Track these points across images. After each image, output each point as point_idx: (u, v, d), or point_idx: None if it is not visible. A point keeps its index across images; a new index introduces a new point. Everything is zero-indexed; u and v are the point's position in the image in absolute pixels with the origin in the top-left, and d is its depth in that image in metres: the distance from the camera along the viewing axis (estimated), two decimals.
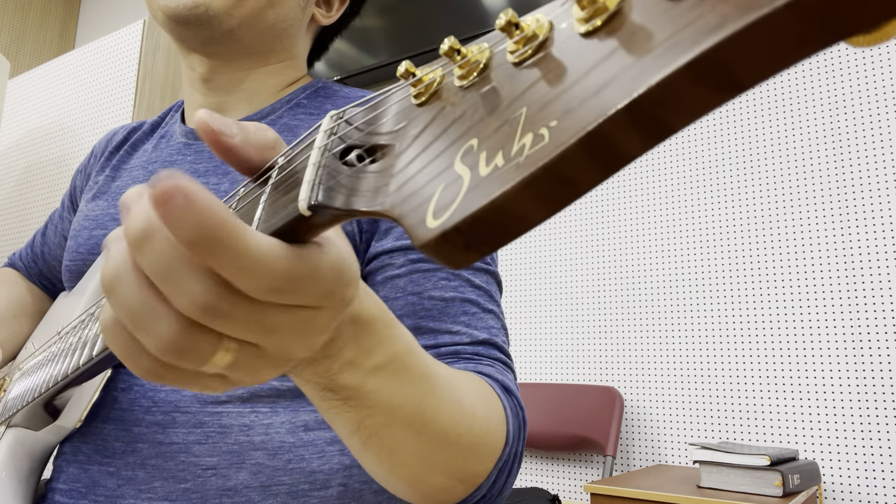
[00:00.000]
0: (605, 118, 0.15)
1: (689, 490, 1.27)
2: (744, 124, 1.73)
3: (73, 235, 0.66)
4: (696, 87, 0.15)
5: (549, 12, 0.19)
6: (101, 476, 0.54)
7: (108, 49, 1.71)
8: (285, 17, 0.65)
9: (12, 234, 1.84)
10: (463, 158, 0.19)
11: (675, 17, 0.15)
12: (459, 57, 0.21)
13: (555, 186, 0.16)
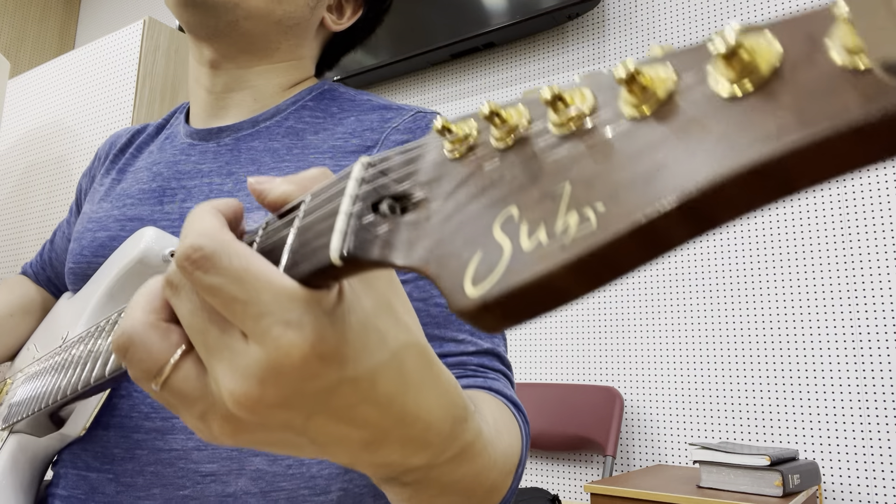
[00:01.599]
0: (656, 213, 0.15)
1: (689, 490, 1.27)
2: None
3: (77, 237, 0.66)
4: (750, 190, 0.15)
5: (596, 91, 0.19)
6: (100, 482, 0.54)
7: (108, 49, 1.71)
8: (292, 14, 0.65)
9: (12, 234, 1.84)
10: (503, 226, 0.19)
11: (730, 116, 0.15)
12: (499, 121, 0.21)
13: (600, 269, 0.17)
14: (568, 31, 2.07)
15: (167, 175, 0.64)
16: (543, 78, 2.09)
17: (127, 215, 0.63)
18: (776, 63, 0.15)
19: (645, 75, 0.18)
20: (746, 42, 0.16)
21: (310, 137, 0.62)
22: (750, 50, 0.15)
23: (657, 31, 1.91)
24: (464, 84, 2.26)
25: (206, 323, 0.26)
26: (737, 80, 0.16)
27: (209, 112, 0.67)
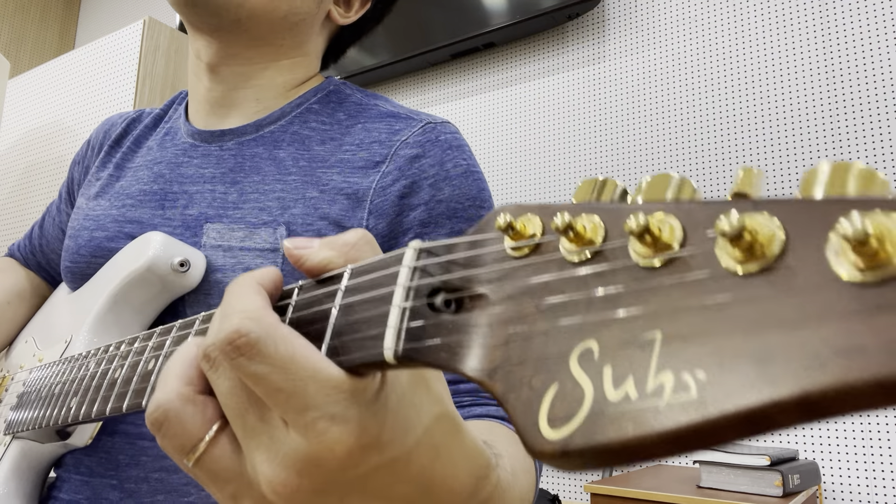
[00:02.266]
0: (772, 402, 0.14)
1: (689, 490, 1.27)
2: (743, 124, 1.73)
3: (73, 235, 0.64)
4: (877, 399, 0.13)
5: (686, 220, 0.18)
6: (103, 489, 0.53)
7: (108, 49, 1.71)
8: (298, 9, 0.62)
9: (12, 234, 1.84)
10: (580, 359, 0.18)
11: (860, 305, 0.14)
12: (572, 234, 0.19)
13: (694, 441, 0.16)
14: (568, 31, 2.07)
15: (169, 177, 0.62)
16: (543, 78, 2.09)
17: (126, 217, 0.61)
18: None
19: (752, 232, 0.16)
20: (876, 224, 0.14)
21: (316, 148, 0.60)
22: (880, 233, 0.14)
23: (657, 31, 1.91)
24: (464, 84, 2.27)
25: (245, 405, 0.25)
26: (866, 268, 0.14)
27: (210, 111, 0.65)
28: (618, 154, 1.90)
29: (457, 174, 0.58)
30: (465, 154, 0.60)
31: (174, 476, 0.52)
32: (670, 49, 1.88)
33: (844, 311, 0.14)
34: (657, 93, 1.87)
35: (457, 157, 0.59)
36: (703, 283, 0.16)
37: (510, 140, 2.12)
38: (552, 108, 2.05)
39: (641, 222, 0.17)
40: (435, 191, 0.56)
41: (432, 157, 0.57)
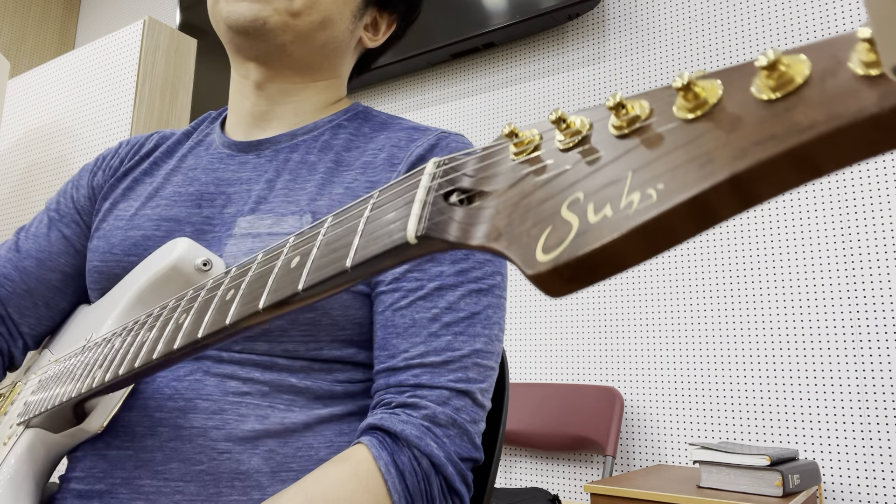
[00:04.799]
0: (710, 186, 0.18)
1: (689, 490, 1.27)
2: None
3: (104, 235, 0.66)
4: (789, 171, 0.18)
5: (653, 102, 0.23)
6: (119, 459, 0.55)
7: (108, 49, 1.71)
8: (335, 38, 0.69)
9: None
10: (569, 207, 0.22)
11: (770, 113, 0.19)
12: (564, 126, 0.24)
13: (658, 235, 0.19)
14: (568, 31, 2.07)
15: (205, 180, 0.67)
16: (544, 78, 2.09)
17: (162, 216, 0.65)
18: (807, 73, 0.19)
19: (698, 85, 0.21)
20: (784, 59, 0.19)
21: (343, 153, 0.66)
22: (786, 64, 0.19)
23: (657, 31, 1.91)
24: (464, 84, 2.26)
25: None
26: (776, 87, 0.19)
27: (251, 124, 0.71)
28: None
29: None
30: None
31: (188, 445, 0.54)
32: (670, 49, 1.88)
33: (761, 117, 0.19)
34: None
35: None
36: (661, 134, 0.21)
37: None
38: (552, 108, 2.05)
39: (617, 100, 0.22)
40: None
41: (436, 156, 0.60)
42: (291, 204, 0.61)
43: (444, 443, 0.53)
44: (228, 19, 0.65)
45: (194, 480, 0.53)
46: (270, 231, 0.60)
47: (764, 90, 0.19)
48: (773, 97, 0.19)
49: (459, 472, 0.54)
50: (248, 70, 0.70)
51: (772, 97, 0.19)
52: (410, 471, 0.51)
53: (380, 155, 0.64)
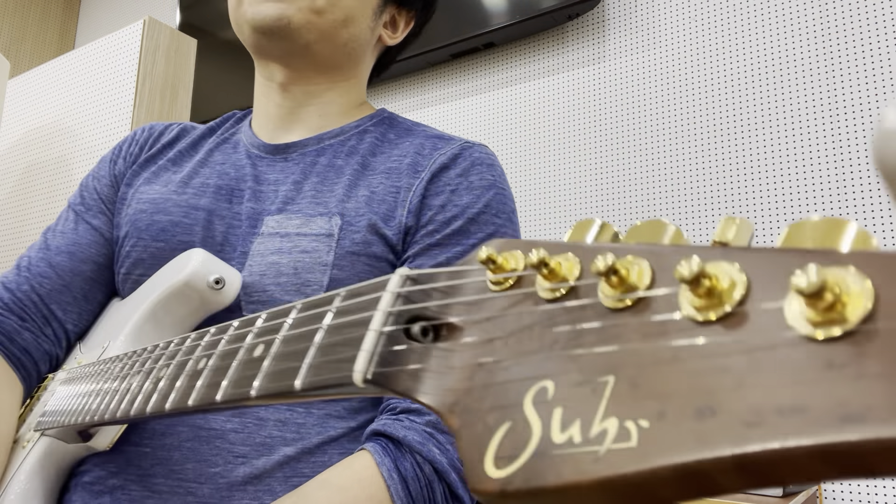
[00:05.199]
0: (708, 461, 0.13)
1: None
2: (743, 124, 1.73)
3: (130, 221, 0.67)
4: (820, 465, 0.13)
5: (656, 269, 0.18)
6: (135, 456, 0.56)
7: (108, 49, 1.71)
8: (357, 36, 0.71)
9: (12, 234, 1.84)
10: (535, 399, 0.18)
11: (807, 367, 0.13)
12: (546, 271, 0.20)
13: (632, 492, 0.15)
14: (568, 31, 2.07)
15: (234, 176, 0.69)
16: (544, 78, 2.09)
17: (191, 203, 0.66)
18: (869, 307, 0.13)
19: (712, 278, 0.16)
20: (830, 278, 0.13)
21: (369, 158, 0.67)
22: (837, 289, 0.13)
23: (657, 31, 1.91)
24: (464, 84, 2.27)
25: None
26: (819, 321, 0.13)
27: (277, 125, 0.72)
28: (618, 154, 1.90)
29: (479, 185, 0.64)
30: (494, 172, 0.67)
31: (206, 446, 0.55)
32: (670, 49, 1.88)
33: (792, 367, 0.13)
34: (657, 93, 1.87)
35: (483, 172, 0.65)
36: (662, 329, 0.16)
37: (510, 140, 2.12)
38: (552, 108, 2.05)
39: (609, 262, 0.17)
40: (454, 196, 0.63)
41: (459, 168, 0.65)
42: (320, 205, 0.63)
43: (447, 449, 0.53)
44: (254, 20, 0.65)
45: (208, 482, 0.53)
46: (299, 231, 0.61)
47: (802, 320, 0.14)
48: (813, 336, 0.13)
49: (463, 479, 0.54)
50: (271, 72, 0.71)
51: (813, 336, 0.13)
52: (413, 477, 0.51)
53: (404, 160, 0.66)
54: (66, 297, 0.69)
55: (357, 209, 0.62)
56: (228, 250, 0.64)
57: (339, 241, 0.60)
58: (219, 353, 0.36)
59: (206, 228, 0.65)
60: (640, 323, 0.17)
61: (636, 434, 0.15)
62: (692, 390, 0.15)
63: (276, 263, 0.60)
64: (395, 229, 0.61)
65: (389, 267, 0.62)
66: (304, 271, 0.59)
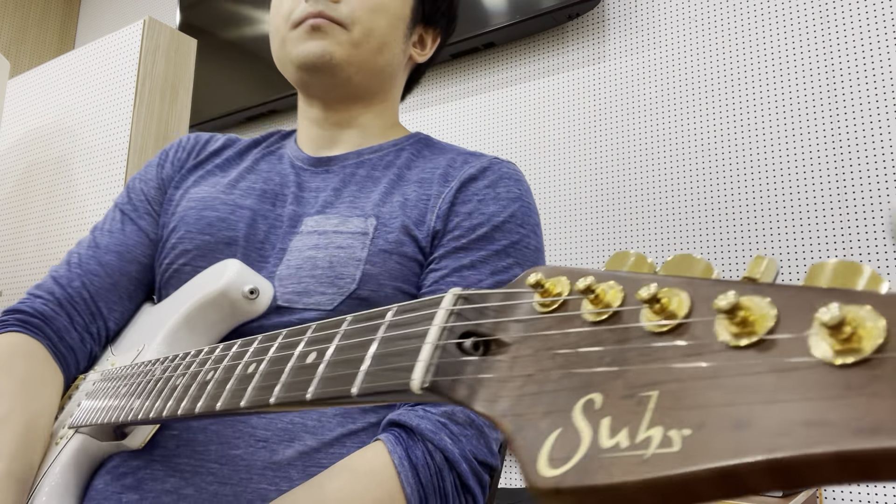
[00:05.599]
0: (743, 464, 0.15)
1: None
2: (743, 124, 1.73)
3: (179, 217, 0.71)
4: (839, 471, 0.15)
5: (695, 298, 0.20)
6: (161, 438, 0.57)
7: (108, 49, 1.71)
8: (391, 60, 0.75)
9: (12, 234, 1.84)
10: (583, 410, 0.20)
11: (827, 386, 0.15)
12: (593, 296, 0.22)
13: (674, 492, 0.17)
14: (568, 31, 2.07)
15: (279, 182, 0.73)
16: (544, 78, 2.09)
17: (237, 202, 0.70)
18: (880, 342, 0.15)
19: (746, 309, 0.18)
20: (851, 315, 0.16)
21: (404, 170, 0.72)
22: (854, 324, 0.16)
23: (657, 32, 1.91)
24: (464, 84, 2.27)
25: None
26: (839, 350, 0.16)
27: (320, 144, 0.77)
28: (618, 154, 1.90)
29: (506, 197, 0.67)
30: (521, 187, 0.70)
31: (229, 430, 0.56)
32: (670, 49, 1.88)
33: (815, 387, 0.16)
34: (657, 93, 1.87)
35: (510, 185, 0.69)
36: (701, 351, 0.18)
37: (510, 140, 2.12)
38: (552, 108, 2.05)
39: (652, 291, 0.20)
40: (481, 205, 0.66)
41: (487, 180, 0.68)
42: (357, 209, 0.67)
43: (459, 440, 0.53)
44: (298, 59, 0.70)
45: (229, 464, 0.55)
46: (336, 229, 0.65)
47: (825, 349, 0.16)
48: (836, 362, 0.16)
49: (474, 471, 0.55)
50: (314, 104, 0.77)
51: (835, 361, 0.16)
52: (424, 465, 0.51)
53: (436, 172, 0.70)
54: (113, 296, 0.72)
55: (391, 212, 0.66)
56: (268, 247, 0.67)
57: (374, 240, 0.64)
58: (270, 359, 0.37)
59: (249, 226, 0.69)
60: (680, 345, 0.19)
61: (679, 441, 0.17)
62: (729, 404, 0.17)
63: (312, 258, 0.63)
64: (424, 232, 0.65)
65: (418, 266, 0.65)
66: (338, 265, 0.62)
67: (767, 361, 0.17)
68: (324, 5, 0.69)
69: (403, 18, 0.75)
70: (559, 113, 2.04)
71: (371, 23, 0.71)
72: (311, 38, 0.70)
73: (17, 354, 0.63)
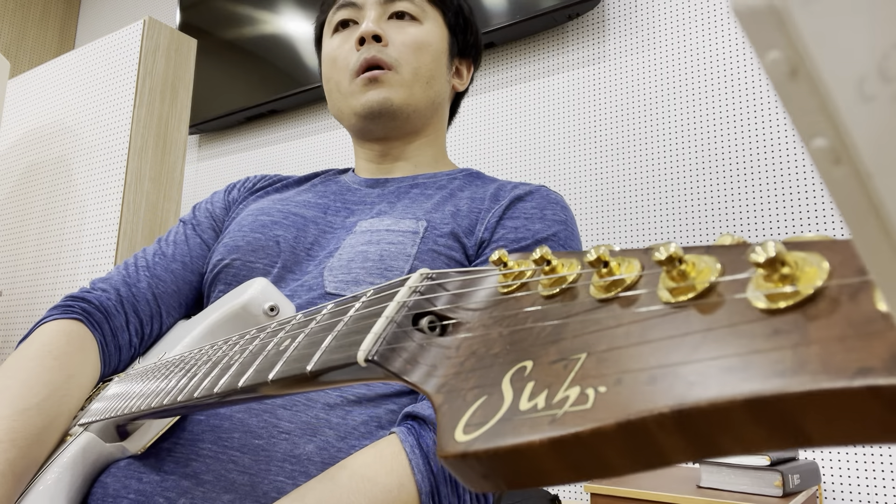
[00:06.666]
0: (649, 414, 0.14)
1: (689, 490, 1.27)
2: (743, 123, 1.73)
3: (237, 222, 0.76)
4: (753, 425, 0.13)
5: (645, 264, 0.19)
6: (188, 422, 0.58)
7: (108, 49, 1.71)
8: (438, 92, 0.81)
9: (12, 234, 1.84)
10: (513, 377, 0.19)
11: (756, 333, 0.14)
12: (548, 268, 0.21)
13: (583, 457, 0.16)
14: (568, 31, 2.07)
15: (333, 198, 0.78)
16: (544, 78, 2.09)
17: (290, 211, 0.75)
18: (819, 284, 0.14)
19: (688, 263, 0.17)
20: (789, 257, 0.15)
21: (456, 192, 0.76)
22: (793, 264, 0.15)
23: (657, 31, 1.91)
24: None
25: None
26: (775, 296, 0.15)
27: (376, 174, 0.83)
28: (617, 154, 1.90)
29: (552, 219, 0.70)
30: (567, 214, 0.73)
31: (254, 419, 0.57)
32: (670, 49, 1.88)
33: (743, 336, 0.15)
34: (657, 93, 1.87)
35: (557, 210, 0.72)
36: (639, 316, 0.18)
37: (510, 140, 2.12)
38: (552, 108, 2.05)
39: (600, 252, 0.20)
40: (528, 222, 0.69)
41: (534, 202, 0.72)
42: (409, 213, 0.71)
43: None
44: (363, 109, 0.76)
45: (250, 453, 0.55)
46: (388, 228, 0.68)
47: (759, 295, 0.15)
48: (770, 307, 0.15)
49: None
50: (371, 147, 0.82)
51: (769, 307, 0.15)
52: (435, 452, 0.52)
53: (487, 192, 0.74)
54: (174, 302, 0.75)
55: (443, 219, 0.69)
56: (317, 249, 0.71)
57: (423, 239, 0.67)
58: (251, 350, 0.38)
59: (299, 230, 0.73)
60: (620, 311, 0.18)
61: (593, 397, 0.16)
62: (651, 361, 0.16)
63: (364, 252, 0.66)
64: (473, 241, 0.69)
65: None
66: (388, 258, 0.65)
67: (700, 317, 0.16)
68: (376, 50, 0.76)
69: (443, 52, 0.82)
70: (559, 113, 2.04)
71: (417, 61, 0.78)
72: (370, 88, 0.76)
73: (73, 346, 0.64)
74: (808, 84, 0.08)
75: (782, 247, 0.15)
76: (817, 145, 0.09)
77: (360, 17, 0.80)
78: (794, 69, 0.08)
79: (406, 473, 0.50)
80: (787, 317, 0.14)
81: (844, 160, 0.08)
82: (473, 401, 0.19)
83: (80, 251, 1.60)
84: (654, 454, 0.15)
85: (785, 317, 0.14)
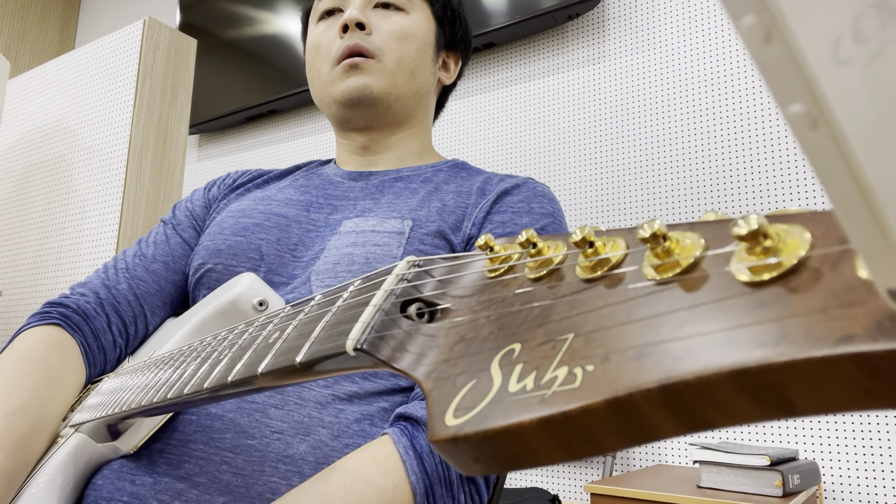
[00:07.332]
0: (637, 389, 0.14)
1: (689, 490, 1.26)
2: (742, 123, 1.73)
3: (218, 223, 0.74)
4: (739, 396, 0.13)
5: (630, 243, 0.19)
6: (181, 423, 0.58)
7: (108, 49, 1.71)
8: (423, 84, 0.80)
9: (12, 234, 1.84)
10: (501, 360, 0.19)
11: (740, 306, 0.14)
12: (534, 250, 0.21)
13: (573, 436, 0.16)
14: (568, 31, 2.07)
15: (316, 194, 0.76)
16: (544, 78, 2.09)
17: (273, 211, 0.73)
18: (802, 254, 0.14)
19: (672, 239, 0.17)
20: (771, 229, 0.15)
21: (441, 185, 0.75)
22: (775, 236, 0.15)
23: (657, 31, 1.91)
24: (464, 84, 2.27)
25: None
26: (759, 269, 0.15)
27: (358, 166, 0.81)
28: (617, 154, 1.90)
29: (540, 212, 0.70)
30: (554, 206, 0.72)
31: (246, 419, 0.57)
32: (670, 49, 1.88)
33: (728, 310, 0.15)
34: (657, 93, 1.87)
35: (545, 203, 0.71)
36: (625, 296, 0.18)
37: (510, 140, 2.12)
38: (552, 108, 2.05)
39: (585, 232, 0.19)
40: (515, 216, 0.69)
41: (521, 195, 0.71)
42: (394, 212, 0.69)
43: None
44: (342, 95, 0.75)
45: (243, 454, 0.55)
46: (373, 229, 0.67)
47: (742, 269, 0.15)
48: (753, 280, 0.15)
49: None
50: (352, 137, 0.81)
51: (753, 279, 0.15)
52: (429, 453, 0.51)
53: (473, 186, 0.73)
54: (158, 301, 0.75)
55: (428, 216, 0.68)
56: (301, 249, 0.70)
57: (409, 239, 0.66)
58: (241, 344, 0.38)
59: (282, 230, 0.71)
60: (605, 290, 0.18)
61: (581, 376, 0.16)
62: (639, 338, 0.16)
63: (349, 254, 0.65)
64: (460, 238, 0.68)
65: None
66: (374, 261, 0.64)
67: (685, 294, 0.16)
68: (359, 38, 0.75)
69: (429, 44, 0.81)
70: (559, 113, 2.04)
71: (402, 51, 0.76)
72: (350, 75, 0.74)
73: (53, 349, 0.64)
74: (782, 48, 0.08)
75: (764, 219, 0.15)
76: (794, 111, 0.09)
77: (346, 5, 0.79)
78: (769, 33, 0.08)
79: (400, 475, 0.50)
80: (771, 289, 0.14)
81: (821, 124, 0.08)
82: (463, 385, 0.19)
83: (80, 251, 1.60)
84: (643, 429, 0.15)
85: (768, 289, 0.14)
